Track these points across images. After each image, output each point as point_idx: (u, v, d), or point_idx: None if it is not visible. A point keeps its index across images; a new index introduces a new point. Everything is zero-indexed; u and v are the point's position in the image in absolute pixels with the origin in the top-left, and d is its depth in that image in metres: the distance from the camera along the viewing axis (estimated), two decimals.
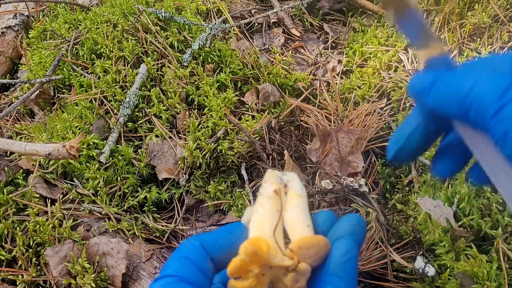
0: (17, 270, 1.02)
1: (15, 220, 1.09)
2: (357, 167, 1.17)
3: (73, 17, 1.50)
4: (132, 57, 1.33)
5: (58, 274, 0.99)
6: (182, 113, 1.25)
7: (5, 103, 1.41)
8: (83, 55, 1.38)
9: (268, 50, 1.53)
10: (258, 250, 0.41)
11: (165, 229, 1.15)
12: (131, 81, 1.28)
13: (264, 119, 1.24)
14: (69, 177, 1.21)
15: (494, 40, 1.29)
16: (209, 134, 1.20)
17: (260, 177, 1.20)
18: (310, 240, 0.43)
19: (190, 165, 1.17)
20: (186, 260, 0.42)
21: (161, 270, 0.43)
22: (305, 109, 1.31)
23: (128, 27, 1.37)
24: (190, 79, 1.31)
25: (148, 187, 1.20)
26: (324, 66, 1.48)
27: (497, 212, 0.94)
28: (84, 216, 1.13)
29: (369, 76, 1.35)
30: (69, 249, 1.02)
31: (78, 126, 1.22)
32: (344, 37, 1.55)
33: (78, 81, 1.31)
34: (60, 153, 0.97)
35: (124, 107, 1.22)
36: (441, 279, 0.93)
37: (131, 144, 1.22)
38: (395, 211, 1.08)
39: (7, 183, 1.17)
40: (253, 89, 1.33)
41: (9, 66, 1.52)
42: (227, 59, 1.37)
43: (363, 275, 1.02)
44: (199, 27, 1.41)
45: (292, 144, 1.23)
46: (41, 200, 1.14)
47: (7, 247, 1.05)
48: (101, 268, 1.01)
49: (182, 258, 0.42)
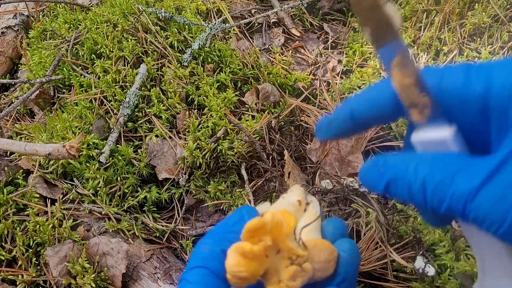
0: (17, 270, 1.02)
1: (15, 220, 1.09)
2: (357, 167, 1.17)
3: (73, 17, 1.50)
4: (132, 57, 1.33)
5: (58, 274, 0.99)
6: (182, 113, 1.25)
7: (5, 103, 1.41)
8: (83, 55, 1.38)
9: (268, 50, 1.53)
10: (286, 222, 0.40)
11: (165, 229, 1.15)
12: (131, 81, 1.28)
13: (264, 119, 1.24)
14: (69, 177, 1.21)
15: (494, 40, 1.29)
16: (209, 134, 1.20)
17: (260, 177, 1.20)
18: (327, 244, 0.43)
19: (190, 165, 1.17)
20: (206, 271, 0.42)
21: (180, 279, 0.43)
22: (305, 109, 1.31)
23: (128, 27, 1.37)
24: (190, 79, 1.31)
25: (148, 187, 1.20)
26: (324, 66, 1.48)
27: None
28: (84, 216, 1.13)
29: (369, 76, 1.35)
30: (69, 249, 1.02)
31: (78, 126, 1.22)
32: (344, 37, 1.55)
33: (78, 81, 1.31)
34: (60, 153, 0.97)
35: (124, 107, 1.22)
36: (441, 279, 0.93)
37: (131, 144, 1.22)
38: (395, 211, 1.08)
39: (7, 183, 1.17)
40: (253, 89, 1.33)
41: (9, 66, 1.52)
42: (227, 59, 1.37)
43: (363, 275, 1.02)
44: (199, 27, 1.41)
45: (292, 144, 1.23)
46: (41, 200, 1.14)
47: (7, 247, 1.05)
48: (101, 268, 1.01)
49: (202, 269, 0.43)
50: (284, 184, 1.14)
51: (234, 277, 0.40)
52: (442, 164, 0.37)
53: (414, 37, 1.38)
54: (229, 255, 0.41)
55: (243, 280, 0.40)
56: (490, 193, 0.34)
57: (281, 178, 1.15)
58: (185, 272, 0.43)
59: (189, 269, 0.43)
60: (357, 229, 1.08)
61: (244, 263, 0.40)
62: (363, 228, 1.07)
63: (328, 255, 0.43)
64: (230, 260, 0.41)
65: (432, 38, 1.36)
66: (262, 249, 0.40)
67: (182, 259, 1.12)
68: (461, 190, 0.35)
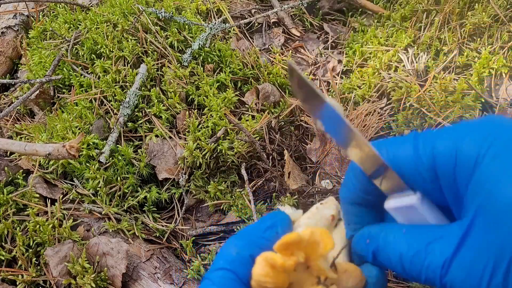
0: (17, 270, 1.02)
1: (15, 220, 1.09)
2: None
3: (73, 17, 1.50)
4: (132, 57, 1.33)
5: (58, 274, 0.99)
6: (182, 113, 1.25)
7: (5, 103, 1.41)
8: (83, 55, 1.38)
9: (268, 50, 1.53)
10: (323, 243, 0.40)
11: (165, 229, 1.15)
12: (131, 81, 1.28)
13: (264, 119, 1.24)
14: (69, 177, 1.21)
15: (494, 40, 1.29)
16: (209, 134, 1.20)
17: (260, 177, 1.20)
18: (358, 272, 0.43)
19: (190, 165, 1.17)
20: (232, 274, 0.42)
21: (203, 278, 0.43)
22: (305, 109, 1.31)
23: (128, 27, 1.37)
24: (190, 79, 1.31)
25: (148, 187, 1.20)
26: (324, 66, 1.48)
27: None
28: (84, 216, 1.13)
29: (369, 76, 1.35)
30: (69, 249, 1.02)
31: (78, 126, 1.22)
32: (344, 37, 1.55)
33: (78, 81, 1.31)
34: (60, 153, 0.97)
35: (124, 107, 1.22)
36: None
37: (131, 144, 1.22)
38: None
39: (7, 183, 1.17)
40: (253, 89, 1.33)
41: (9, 66, 1.52)
42: (227, 59, 1.37)
43: None
44: (199, 27, 1.41)
45: (292, 144, 1.23)
46: (41, 200, 1.14)
47: (7, 247, 1.05)
48: (101, 268, 1.01)
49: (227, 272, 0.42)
50: (284, 184, 1.14)
51: (259, 286, 0.40)
52: (415, 236, 0.39)
53: (414, 37, 1.38)
54: (258, 263, 0.40)
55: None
56: (462, 264, 0.35)
57: (281, 178, 1.15)
58: (210, 272, 0.43)
59: (214, 270, 0.42)
60: None
61: (273, 274, 0.39)
62: None
63: (357, 282, 0.43)
64: (259, 269, 0.40)
65: (432, 38, 1.36)
66: (293, 264, 0.40)
67: (182, 259, 1.12)
68: (435, 263, 0.36)
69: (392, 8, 1.54)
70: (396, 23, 1.47)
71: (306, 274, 0.41)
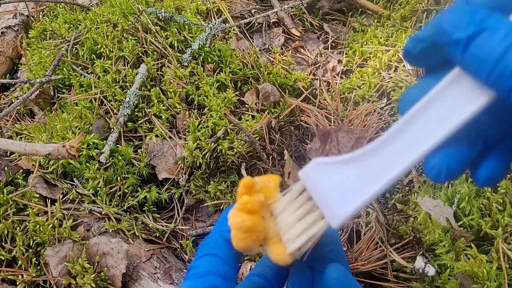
0: (17, 270, 1.02)
1: (15, 220, 1.09)
2: None
3: (73, 17, 1.50)
4: (132, 57, 1.33)
5: (58, 274, 0.99)
6: (182, 113, 1.25)
7: (5, 103, 1.41)
8: (83, 55, 1.38)
9: (268, 50, 1.53)
10: (274, 183, 0.45)
11: (165, 229, 1.15)
12: (131, 81, 1.28)
13: (264, 119, 1.24)
14: (69, 177, 1.21)
15: None
16: (209, 134, 1.20)
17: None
18: None
19: (190, 165, 1.17)
20: (214, 257, 0.43)
21: (188, 269, 0.44)
22: (305, 109, 1.31)
23: (128, 27, 1.37)
24: (190, 79, 1.31)
25: (148, 187, 1.20)
26: (324, 66, 1.47)
27: (497, 212, 0.94)
28: (84, 216, 1.13)
29: (369, 76, 1.35)
30: (69, 249, 1.02)
31: (78, 126, 1.22)
32: (344, 37, 1.55)
33: (78, 81, 1.31)
34: (60, 153, 0.97)
35: (124, 107, 1.22)
36: (441, 279, 0.93)
37: (131, 144, 1.22)
38: (395, 211, 1.08)
39: (7, 183, 1.17)
40: (253, 89, 1.33)
41: (9, 66, 1.52)
42: (227, 59, 1.37)
43: (363, 275, 1.02)
44: (199, 27, 1.41)
45: (292, 144, 1.23)
46: (41, 200, 1.14)
47: (7, 247, 1.05)
48: (101, 268, 1.01)
49: (209, 256, 0.44)
50: (284, 184, 1.14)
51: (239, 231, 0.41)
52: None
53: None
54: (231, 215, 0.42)
55: (248, 234, 0.41)
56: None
57: (281, 178, 1.15)
58: (192, 263, 0.45)
59: (195, 260, 0.44)
60: (357, 229, 1.08)
61: (246, 216, 0.41)
62: (363, 228, 1.07)
63: None
64: (233, 217, 0.42)
65: None
66: (258, 200, 0.42)
67: (182, 259, 1.12)
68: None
69: (392, 8, 1.54)
70: (396, 23, 1.47)
71: (274, 223, 0.43)
